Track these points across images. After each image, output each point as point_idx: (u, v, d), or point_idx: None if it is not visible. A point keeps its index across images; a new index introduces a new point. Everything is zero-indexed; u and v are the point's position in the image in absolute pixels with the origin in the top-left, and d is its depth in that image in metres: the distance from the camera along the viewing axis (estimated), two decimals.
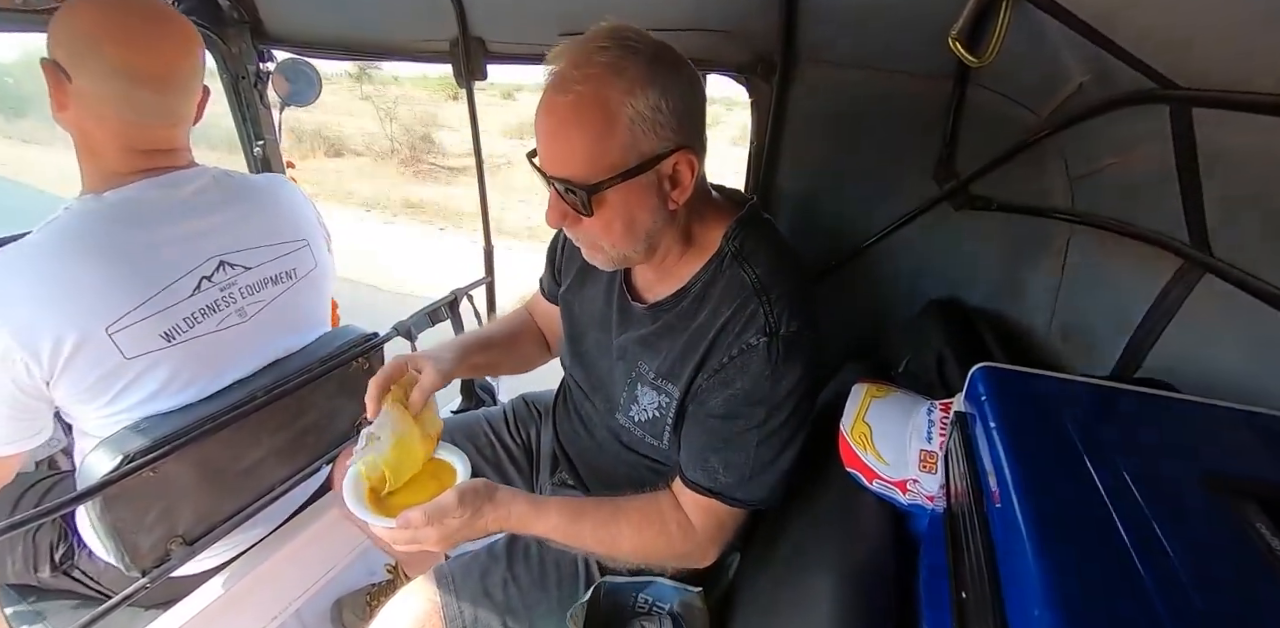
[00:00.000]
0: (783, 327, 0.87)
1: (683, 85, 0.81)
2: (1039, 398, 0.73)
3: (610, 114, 0.77)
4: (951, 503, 0.75)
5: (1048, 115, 1.15)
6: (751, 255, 0.92)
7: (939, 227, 1.40)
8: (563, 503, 0.96)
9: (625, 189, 0.82)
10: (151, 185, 1.01)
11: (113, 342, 0.94)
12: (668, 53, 0.82)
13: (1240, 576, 0.51)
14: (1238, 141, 0.78)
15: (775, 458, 0.92)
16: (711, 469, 0.92)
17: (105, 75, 0.95)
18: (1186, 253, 0.90)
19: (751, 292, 0.89)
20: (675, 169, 0.84)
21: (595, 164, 0.80)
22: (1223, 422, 0.71)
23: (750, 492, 0.92)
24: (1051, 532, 0.53)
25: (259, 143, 1.83)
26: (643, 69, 0.78)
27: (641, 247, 0.90)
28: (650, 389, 0.99)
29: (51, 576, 1.18)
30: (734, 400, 0.89)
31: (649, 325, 0.99)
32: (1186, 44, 0.75)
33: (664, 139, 0.81)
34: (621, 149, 0.79)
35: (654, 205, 0.86)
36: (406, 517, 0.87)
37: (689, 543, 0.95)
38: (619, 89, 0.77)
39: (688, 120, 0.82)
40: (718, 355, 0.90)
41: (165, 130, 1.04)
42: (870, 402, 1.03)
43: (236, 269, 1.09)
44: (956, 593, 0.63)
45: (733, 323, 0.89)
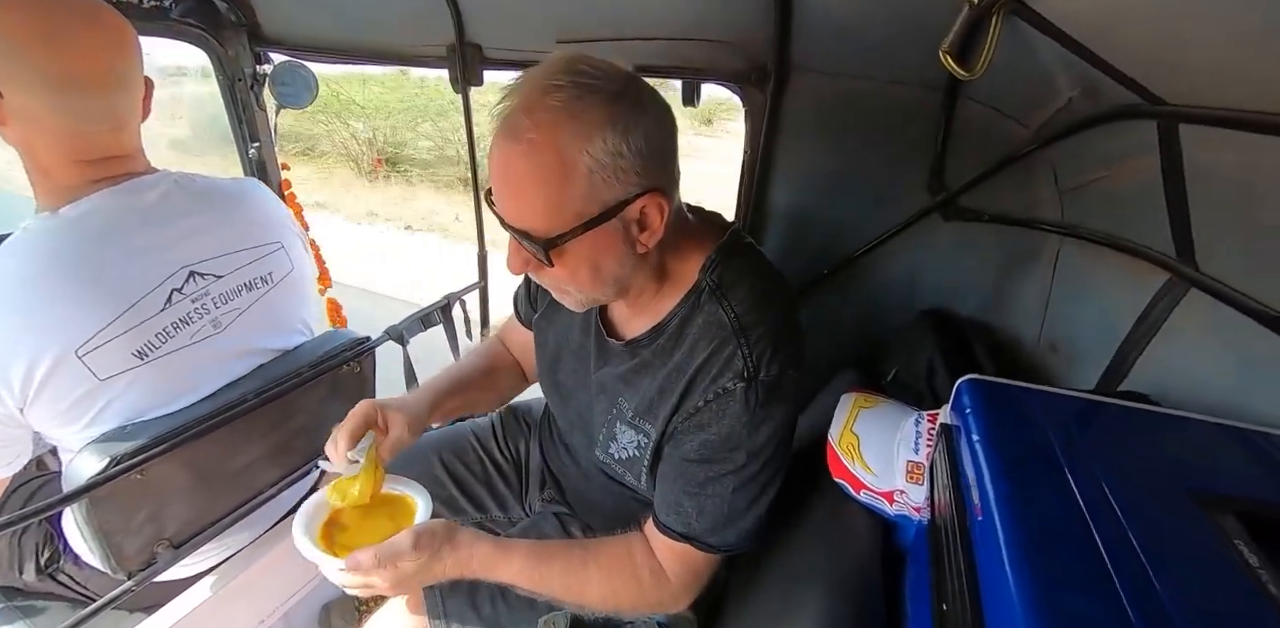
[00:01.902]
0: (762, 371, 0.82)
1: (648, 123, 0.74)
2: (1023, 411, 0.73)
3: (566, 164, 0.71)
4: (935, 516, 0.75)
5: (1037, 129, 1.16)
6: (731, 290, 0.86)
7: (930, 237, 1.41)
8: (529, 546, 0.92)
9: (589, 238, 0.76)
10: (110, 195, 0.96)
11: (84, 364, 0.91)
12: (631, 88, 0.75)
13: (1218, 591, 0.51)
14: (1224, 157, 0.79)
15: (751, 504, 0.87)
16: (685, 514, 0.88)
17: (38, 86, 0.88)
18: (1173, 267, 0.90)
19: (730, 332, 0.84)
20: (643, 213, 0.77)
21: (554, 217, 0.74)
22: (1204, 437, 0.72)
23: (724, 538, 0.88)
24: (1031, 546, 0.53)
25: (254, 145, 1.83)
26: (600, 110, 0.71)
27: (611, 290, 0.86)
28: (628, 427, 0.96)
29: (36, 578, 1.17)
30: (709, 445, 0.85)
31: (627, 361, 0.94)
32: (1175, 61, 0.76)
33: (628, 184, 0.74)
34: (581, 200, 0.73)
35: (621, 252, 0.80)
36: (356, 558, 0.81)
37: (661, 591, 0.91)
38: (574, 135, 0.71)
39: (655, 160, 0.75)
40: (693, 398, 0.86)
41: (113, 135, 0.98)
42: (859, 412, 1.03)
43: (208, 278, 1.05)
44: (938, 605, 0.63)
45: (709, 365, 0.85)
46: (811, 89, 1.39)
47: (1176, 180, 0.85)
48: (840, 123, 1.41)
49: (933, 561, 0.69)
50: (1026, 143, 1.17)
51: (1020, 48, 0.95)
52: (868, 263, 1.50)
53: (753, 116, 1.45)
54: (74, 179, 0.96)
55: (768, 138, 1.45)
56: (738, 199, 1.56)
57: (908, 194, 1.38)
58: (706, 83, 1.46)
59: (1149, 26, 0.73)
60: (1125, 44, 0.80)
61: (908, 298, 1.48)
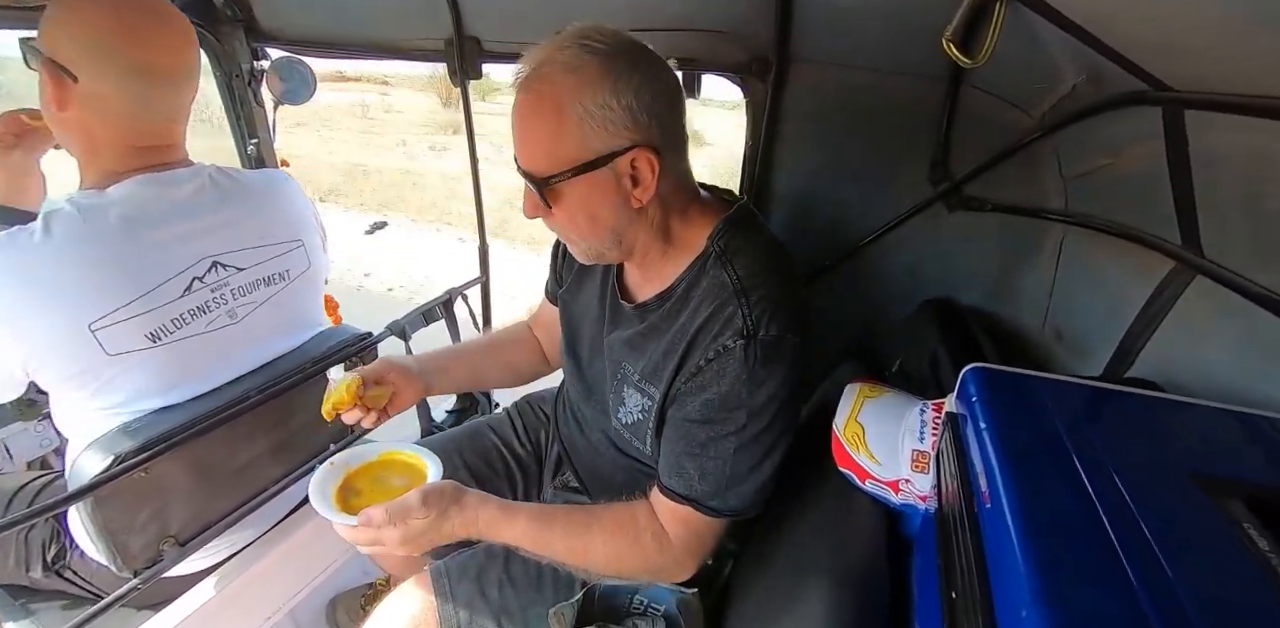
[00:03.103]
0: (761, 330, 0.85)
1: (638, 84, 0.80)
2: (1030, 399, 0.73)
3: (561, 112, 0.80)
4: (942, 504, 0.75)
5: (1041, 117, 1.15)
6: (735, 256, 0.90)
7: (933, 227, 1.40)
8: (534, 509, 0.94)
9: (582, 184, 0.84)
10: (150, 182, 1.01)
11: (95, 338, 0.94)
12: (631, 52, 0.82)
13: (1228, 577, 0.51)
14: (1229, 144, 0.78)
15: (755, 467, 0.89)
16: (688, 476, 0.89)
17: (112, 73, 0.94)
18: (1178, 254, 0.90)
19: (731, 293, 0.87)
20: (634, 167, 0.83)
21: (550, 159, 0.83)
22: (1211, 422, 0.72)
23: (726, 501, 0.89)
24: (1040, 533, 0.53)
25: (253, 141, 1.82)
26: (595, 68, 0.79)
27: (610, 242, 0.91)
28: (634, 391, 0.98)
29: (44, 576, 1.17)
30: (711, 405, 0.87)
31: (636, 325, 0.98)
32: (1179, 47, 0.75)
33: (617, 136, 0.81)
34: (573, 145, 0.82)
35: (615, 202, 0.86)
36: (368, 514, 0.86)
37: (664, 555, 0.92)
38: (570, 87, 0.80)
39: (646, 118, 0.81)
40: (695, 358, 0.88)
41: (166, 126, 1.04)
42: (863, 401, 1.03)
43: (229, 270, 1.08)
44: (947, 593, 0.63)
45: (710, 324, 0.88)
46: (813, 80, 1.38)
47: (1182, 167, 0.84)
48: (842, 113, 1.40)
49: (941, 549, 0.69)
50: (1030, 131, 1.16)
51: (1024, 35, 0.95)
52: (871, 253, 1.49)
53: (754, 108, 1.44)
54: (121, 163, 1.01)
55: (769, 129, 1.45)
56: (739, 190, 1.56)
57: (911, 184, 1.37)
58: (707, 74, 1.45)
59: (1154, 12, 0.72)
60: (1130, 30, 0.79)
61: (911, 288, 1.48)
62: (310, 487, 0.93)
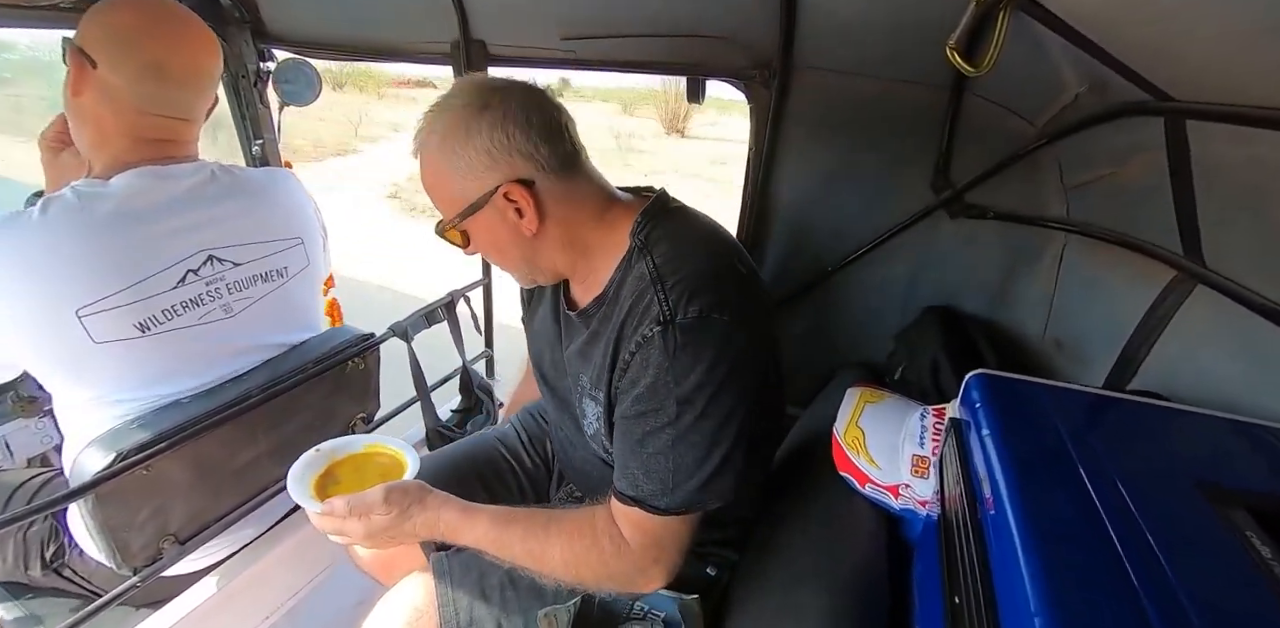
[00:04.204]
0: (679, 313, 0.82)
1: (488, 126, 0.85)
2: (1033, 406, 0.73)
3: (436, 170, 0.90)
4: (945, 509, 0.75)
5: (1043, 125, 1.16)
6: (655, 245, 0.88)
7: (935, 234, 1.41)
8: (496, 511, 0.93)
9: (474, 224, 0.92)
10: (151, 174, 1.02)
11: (81, 324, 0.94)
12: (481, 97, 0.87)
13: (1232, 584, 0.52)
14: (1231, 153, 0.79)
15: (701, 459, 0.83)
16: (633, 476, 0.86)
17: (137, 69, 0.99)
18: (1179, 263, 0.90)
19: (649, 282, 0.85)
20: (510, 201, 0.88)
21: (445, 208, 0.93)
22: (1214, 431, 0.72)
23: (674, 498, 0.84)
24: (1044, 539, 0.53)
25: (258, 142, 1.82)
26: (449, 123, 0.87)
27: (527, 268, 0.97)
28: (589, 400, 0.97)
29: (42, 574, 1.16)
30: (641, 399, 0.84)
31: (582, 334, 0.97)
32: (1181, 56, 0.76)
33: (483, 179, 0.87)
34: (453, 195, 0.90)
35: (510, 234, 0.91)
36: (332, 503, 0.88)
37: (622, 560, 0.88)
38: (434, 147, 0.88)
39: (507, 154, 0.86)
40: (622, 354, 0.87)
41: (178, 123, 1.06)
42: (864, 406, 1.04)
43: (225, 264, 1.08)
44: (950, 599, 0.63)
45: (632, 317, 0.86)
46: (816, 86, 1.39)
47: (1184, 177, 0.85)
48: (845, 120, 1.41)
49: (944, 555, 0.69)
50: (1032, 140, 1.17)
51: (1027, 44, 0.95)
52: (872, 260, 1.50)
53: (757, 114, 1.45)
54: (127, 153, 1.03)
55: (772, 135, 1.45)
56: (742, 196, 1.56)
57: (913, 191, 1.38)
58: (711, 80, 1.46)
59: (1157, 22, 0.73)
60: (1133, 40, 0.80)
61: (912, 295, 1.48)
62: (291, 470, 0.94)
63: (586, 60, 1.48)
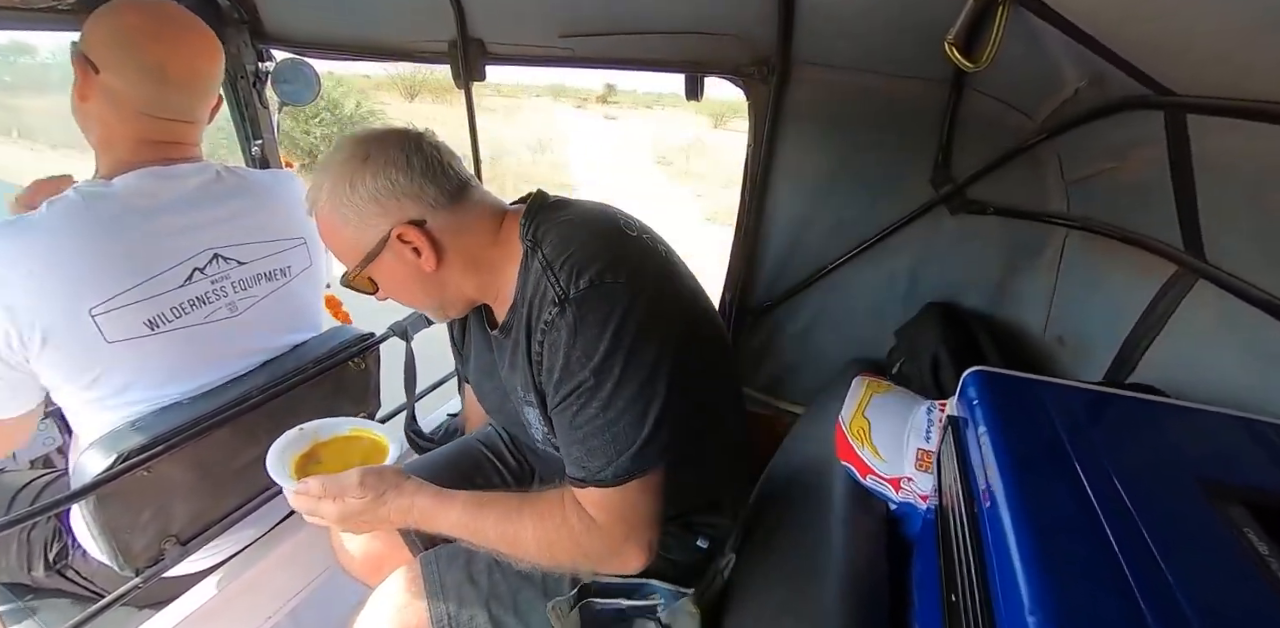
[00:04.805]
0: (572, 288, 0.82)
1: (370, 174, 0.87)
2: (1031, 402, 0.73)
3: (330, 224, 0.92)
4: (943, 507, 0.75)
5: (1043, 120, 1.15)
6: (543, 240, 0.89)
7: (935, 230, 1.40)
8: (469, 497, 0.93)
9: (377, 271, 0.93)
10: (156, 174, 1.03)
11: (95, 324, 0.95)
12: (359, 148, 0.89)
13: (1229, 581, 0.51)
14: (1231, 148, 0.79)
15: (637, 424, 0.82)
16: (578, 460, 0.86)
17: (137, 73, 1.00)
18: (1180, 258, 0.90)
19: (541, 273, 0.86)
20: (405, 242, 0.89)
21: (345, 259, 0.95)
22: (1213, 428, 0.72)
23: (620, 467, 0.83)
24: (1041, 536, 0.53)
25: (257, 142, 1.83)
26: (332, 179, 0.89)
27: (436, 301, 0.99)
28: (529, 408, 0.97)
29: (45, 575, 1.17)
30: (561, 383, 0.84)
31: (508, 348, 0.97)
32: (1181, 51, 0.75)
33: (374, 226, 0.89)
34: (350, 245, 0.92)
35: (413, 273, 0.93)
36: (306, 483, 0.89)
37: (594, 539, 0.87)
38: (323, 204, 0.91)
39: (391, 198, 0.88)
40: (534, 347, 0.89)
41: (181, 126, 1.08)
42: (871, 396, 1.03)
43: (230, 263, 1.09)
44: (947, 596, 0.63)
45: (534, 310, 0.88)
46: (815, 83, 1.38)
47: (1184, 171, 0.84)
48: (844, 116, 1.41)
49: (941, 552, 0.69)
50: (1033, 135, 1.16)
51: (1026, 38, 0.95)
52: (873, 256, 1.49)
53: (756, 111, 1.45)
54: (131, 154, 1.05)
55: (771, 132, 1.45)
56: (742, 193, 1.56)
57: (913, 187, 1.37)
58: (709, 77, 1.46)
59: (1157, 16, 0.72)
60: (1133, 34, 0.79)
61: (913, 291, 1.48)
62: (272, 446, 0.95)
63: (585, 58, 1.47)
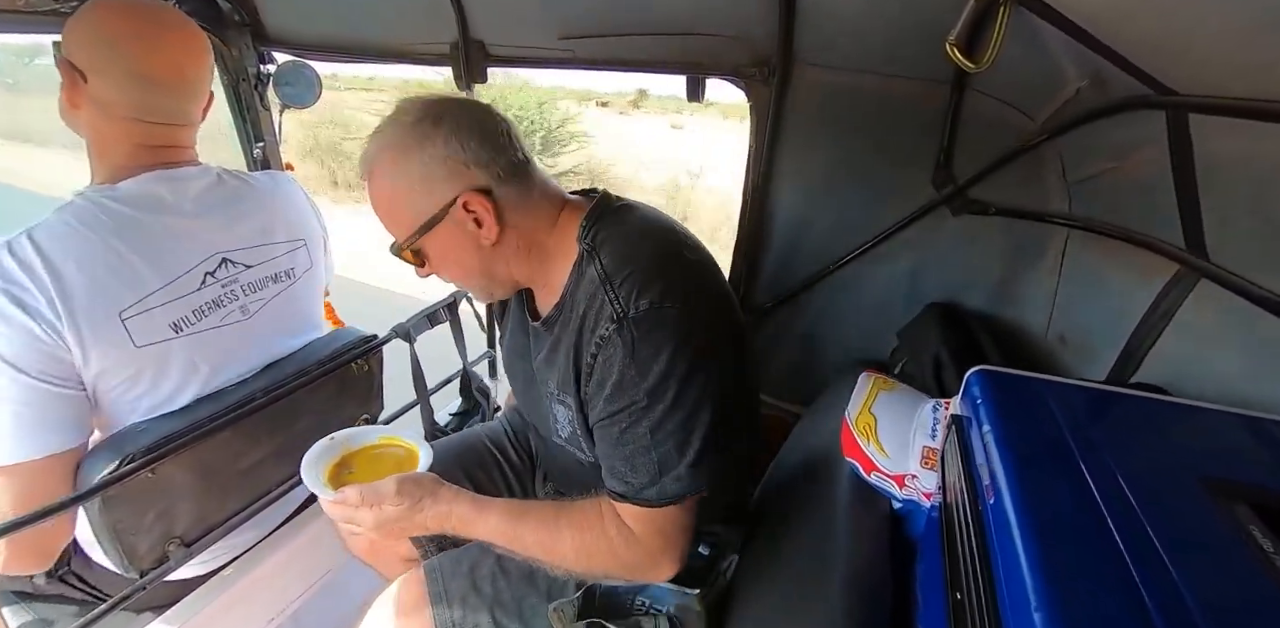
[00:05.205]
0: (631, 308, 0.83)
1: (445, 136, 0.86)
2: (1034, 401, 0.73)
3: (392, 187, 0.89)
4: (947, 505, 0.75)
5: (1045, 120, 1.15)
6: (602, 247, 0.90)
7: (937, 230, 1.40)
8: (507, 504, 0.94)
9: (433, 240, 0.91)
10: (160, 178, 1.03)
11: (125, 328, 0.95)
12: (433, 110, 0.88)
13: (1233, 579, 0.51)
14: (1234, 147, 0.79)
15: (681, 448, 0.85)
16: (620, 474, 0.88)
17: (123, 78, 0.97)
18: (1182, 258, 0.90)
19: (599, 284, 0.87)
20: (469, 211, 0.88)
21: (400, 228, 0.92)
22: (1217, 426, 0.72)
23: (665, 488, 0.86)
24: (1045, 535, 0.53)
25: (259, 144, 1.83)
26: (402, 138, 0.87)
27: (486, 280, 0.97)
28: (559, 405, 0.98)
29: (46, 581, 1.17)
30: (611, 399, 0.86)
31: (547, 341, 0.98)
32: (1183, 50, 0.75)
33: (442, 191, 0.87)
34: (408, 211, 0.89)
35: (470, 246, 0.92)
36: (345, 492, 0.89)
37: (632, 550, 0.90)
38: (387, 163, 0.88)
39: (463, 164, 0.87)
40: (584, 359, 0.88)
41: (174, 130, 1.06)
42: (878, 393, 1.03)
43: (238, 266, 1.10)
44: (951, 595, 0.63)
45: (587, 319, 0.88)
46: (816, 84, 1.38)
47: (1186, 171, 0.85)
48: (845, 117, 1.41)
49: (946, 551, 0.69)
50: (1034, 135, 1.17)
51: (1028, 39, 0.95)
52: (874, 257, 1.49)
53: (757, 111, 1.45)
54: (129, 160, 1.03)
55: (773, 133, 1.45)
56: (743, 194, 1.56)
57: (914, 188, 1.37)
58: (710, 78, 1.46)
59: (1158, 16, 0.72)
60: (1134, 34, 0.79)
61: (915, 291, 1.48)
62: (305, 457, 0.95)
63: (585, 60, 1.48)
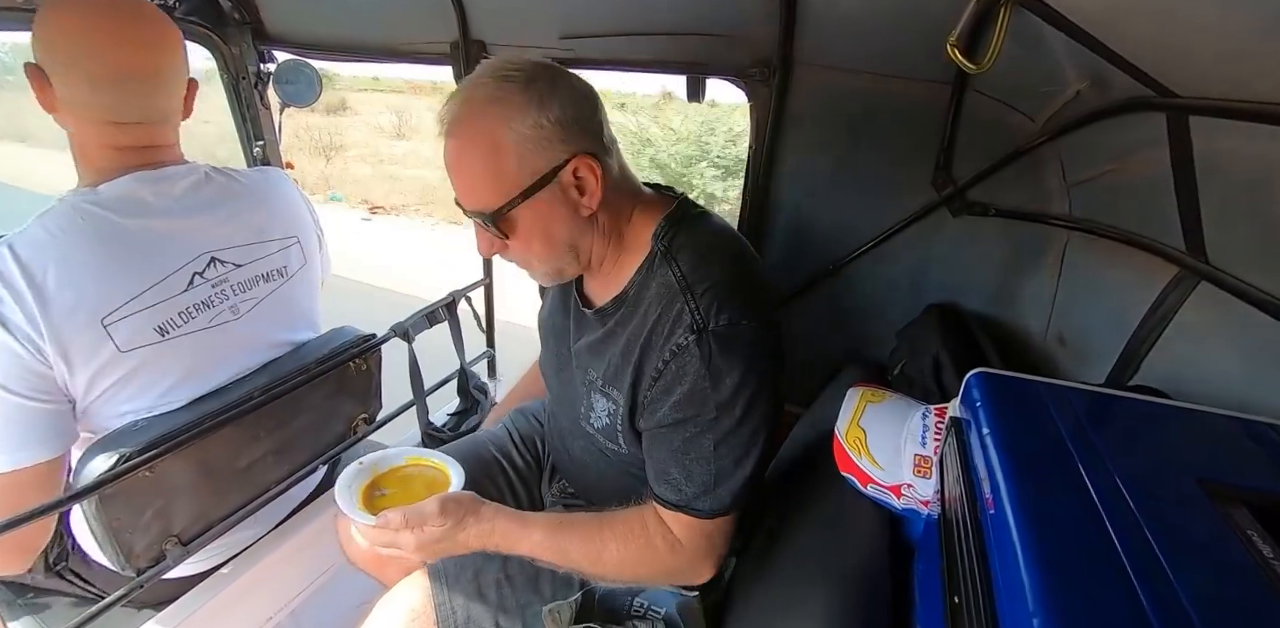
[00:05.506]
0: (711, 321, 0.84)
1: (561, 98, 0.83)
2: (1034, 404, 0.73)
3: (494, 143, 0.82)
4: (946, 509, 0.75)
5: (1045, 122, 1.15)
6: (679, 252, 0.90)
7: (937, 232, 1.40)
8: (549, 519, 0.95)
9: (532, 207, 0.86)
10: (144, 179, 1.01)
11: (108, 334, 0.94)
12: (546, 71, 0.85)
13: (1232, 583, 0.51)
14: (1234, 149, 0.78)
15: (739, 460, 0.88)
16: (675, 481, 0.89)
17: (83, 80, 0.94)
18: (1182, 260, 0.90)
19: (677, 290, 0.87)
20: (577, 176, 0.86)
21: (496, 191, 0.85)
22: (1216, 429, 0.72)
23: (720, 499, 0.89)
24: (1044, 538, 0.53)
25: (259, 143, 1.83)
26: (517, 94, 0.82)
27: (568, 257, 0.93)
28: (600, 396, 0.99)
29: (45, 577, 1.17)
30: (679, 406, 0.87)
31: (597, 331, 0.98)
32: (1183, 52, 0.75)
33: (554, 151, 0.84)
34: (514, 172, 0.84)
35: (566, 215, 0.88)
36: (386, 517, 0.88)
37: (677, 558, 0.93)
38: (497, 117, 0.82)
39: (577, 127, 0.84)
40: (653, 361, 0.88)
41: (150, 128, 1.03)
42: (865, 406, 1.03)
43: (227, 266, 1.09)
44: (949, 598, 0.63)
45: (660, 325, 0.88)
46: (816, 84, 1.38)
47: (1186, 173, 0.84)
48: (845, 118, 1.41)
49: (944, 554, 0.69)
50: (1034, 136, 1.16)
51: (1028, 40, 0.95)
52: (874, 258, 1.49)
53: (757, 112, 1.45)
54: (109, 162, 1.01)
55: (773, 133, 1.45)
56: (743, 194, 1.56)
57: (914, 189, 1.37)
58: (711, 78, 1.46)
59: (1158, 18, 0.72)
60: (1134, 36, 0.79)
61: (914, 292, 1.48)
62: (337, 484, 0.95)
63: (585, 59, 1.48)
